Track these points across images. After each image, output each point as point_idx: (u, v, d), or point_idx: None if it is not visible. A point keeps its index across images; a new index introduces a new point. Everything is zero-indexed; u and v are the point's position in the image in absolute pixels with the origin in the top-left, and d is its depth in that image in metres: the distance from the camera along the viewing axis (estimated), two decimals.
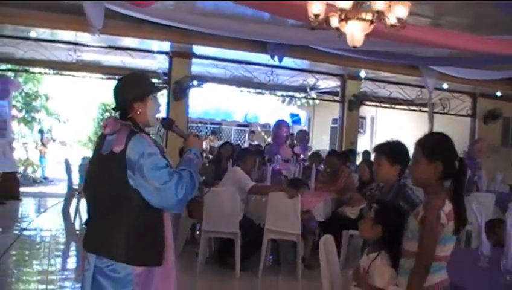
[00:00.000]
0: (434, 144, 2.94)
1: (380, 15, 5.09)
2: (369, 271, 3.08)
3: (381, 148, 3.81)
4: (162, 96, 11.92)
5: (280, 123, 10.35)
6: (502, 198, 8.72)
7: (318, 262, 7.06)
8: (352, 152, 12.23)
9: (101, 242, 2.86)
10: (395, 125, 16.82)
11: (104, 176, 2.94)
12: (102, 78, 14.14)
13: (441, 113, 16.48)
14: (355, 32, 5.31)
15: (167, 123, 3.32)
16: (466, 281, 3.21)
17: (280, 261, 7.64)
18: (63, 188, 11.51)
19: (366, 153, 12.18)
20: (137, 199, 2.81)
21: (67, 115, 20.17)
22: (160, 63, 12.51)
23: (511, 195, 8.90)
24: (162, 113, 2.93)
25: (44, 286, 5.95)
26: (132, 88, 3.00)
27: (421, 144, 2.95)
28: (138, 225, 2.84)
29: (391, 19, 5.14)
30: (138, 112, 2.96)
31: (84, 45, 11.13)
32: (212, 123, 21.03)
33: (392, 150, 3.76)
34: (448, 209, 2.75)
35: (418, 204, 3.23)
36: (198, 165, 3.04)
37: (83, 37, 10.24)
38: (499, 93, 15.11)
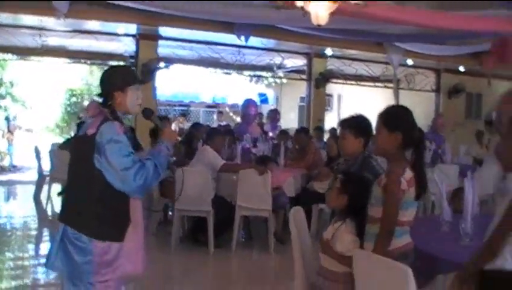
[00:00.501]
0: (394, 116, 3.11)
1: None
2: (333, 237, 3.25)
3: (345, 123, 3.94)
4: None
5: (248, 102, 10.42)
6: (465, 169, 8.97)
7: (289, 236, 7.26)
8: (320, 129, 12.43)
9: (69, 214, 3.13)
10: (361, 102, 17.05)
11: (76, 155, 3.22)
12: (68, 63, 14.04)
13: (406, 89, 16.75)
14: (319, 11, 5.44)
15: (146, 113, 3.47)
16: (429, 245, 3.39)
17: (252, 237, 7.81)
18: (32, 175, 11.47)
19: (333, 130, 12.37)
20: (102, 179, 3.02)
21: (33, 101, 19.92)
22: (126, 46, 12.46)
23: (474, 166, 9.15)
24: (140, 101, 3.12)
25: (17, 273, 5.97)
26: (114, 78, 3.21)
27: (381, 116, 3.12)
28: (102, 202, 3.05)
29: None
30: (118, 101, 3.16)
31: (49, 30, 11.02)
32: (180, 105, 21.00)
33: (356, 124, 3.89)
34: (409, 176, 2.92)
35: (382, 174, 3.39)
36: (168, 157, 3.25)
37: (48, 21, 10.16)
38: (462, 69, 15.42)
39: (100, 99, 3.24)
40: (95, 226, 3.04)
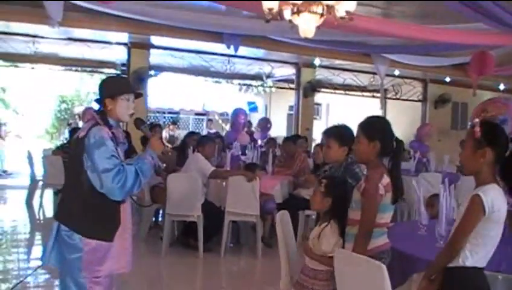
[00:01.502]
0: (373, 126, 3.34)
1: (329, 8, 5.44)
2: (319, 238, 3.47)
3: (330, 132, 4.17)
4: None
5: (238, 111, 10.69)
6: (449, 178, 9.21)
7: (277, 241, 7.46)
8: (305, 138, 12.61)
9: (62, 213, 3.35)
10: (349, 110, 17.31)
11: (70, 157, 3.48)
12: (60, 70, 14.19)
13: (393, 98, 17.06)
14: (307, 24, 5.64)
15: (137, 123, 3.70)
16: (406, 246, 3.62)
17: (241, 242, 8.01)
18: (23, 181, 11.60)
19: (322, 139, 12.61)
20: (89, 180, 3.23)
21: (25, 108, 20.04)
22: (118, 54, 12.65)
23: (458, 174, 9.38)
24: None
25: (10, 276, 6.06)
26: (107, 87, 3.44)
27: (361, 126, 3.35)
28: (91, 202, 3.25)
29: (340, 12, 5.51)
30: (109, 108, 3.38)
31: (42, 37, 11.20)
32: (170, 112, 21.18)
33: (340, 133, 4.12)
34: (386, 181, 3.15)
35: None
36: (151, 165, 3.39)
37: (41, 29, 10.31)
38: (448, 79, 15.71)
39: (96, 106, 3.48)
40: (86, 225, 3.23)
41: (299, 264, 3.89)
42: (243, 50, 11.64)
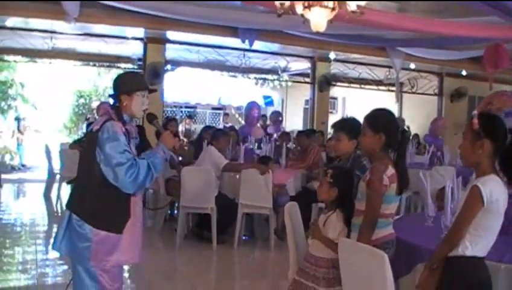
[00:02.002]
0: (378, 119, 3.39)
1: (340, 2, 5.50)
2: (325, 225, 3.55)
3: (339, 125, 4.24)
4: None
5: (251, 105, 10.76)
6: (462, 171, 9.21)
7: None
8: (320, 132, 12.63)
9: (74, 203, 3.43)
10: (365, 104, 17.27)
11: (84, 149, 3.54)
12: (77, 65, 14.36)
13: (409, 92, 17.01)
14: (318, 18, 5.70)
15: (149, 118, 3.81)
16: (412, 238, 3.67)
17: (255, 234, 8.10)
18: (41, 174, 11.80)
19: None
20: (102, 172, 3.30)
21: (43, 103, 20.25)
22: (134, 49, 12.78)
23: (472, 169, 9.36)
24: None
25: (29, 267, 6.20)
26: (123, 82, 3.52)
27: (367, 118, 3.41)
28: (103, 194, 3.33)
29: (351, 6, 5.56)
30: (124, 104, 3.46)
31: (59, 33, 11.36)
32: (186, 107, 21.27)
33: (350, 126, 4.19)
34: (390, 173, 3.20)
35: None
36: (163, 159, 3.48)
37: (59, 25, 10.48)
38: (464, 73, 15.62)
39: (111, 101, 3.56)
40: (96, 216, 3.31)
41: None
42: (258, 44, 11.71)
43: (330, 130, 14.78)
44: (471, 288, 2.74)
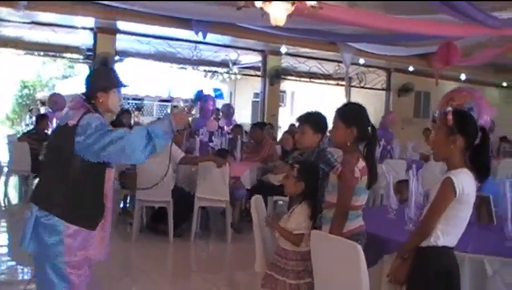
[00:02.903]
0: (350, 112, 3.44)
1: None
2: (290, 218, 3.61)
3: (305, 118, 4.27)
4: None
5: (206, 97, 10.73)
6: (412, 165, 9.45)
7: (246, 226, 7.62)
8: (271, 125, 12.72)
9: (44, 197, 3.30)
10: (313, 98, 17.50)
11: (56, 142, 3.41)
12: (23, 54, 13.97)
13: (357, 87, 17.33)
14: (278, 12, 5.72)
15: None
16: (378, 229, 3.76)
17: (210, 227, 8.10)
18: None
19: (292, 126, 12.75)
20: (79, 165, 3.23)
21: None
22: (84, 39, 12.52)
23: (421, 162, 9.63)
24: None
25: None
26: (99, 80, 3.48)
27: (339, 112, 3.45)
28: (76, 188, 3.25)
29: (310, 1, 5.61)
30: (100, 101, 3.41)
31: (6, 20, 11.01)
32: (133, 99, 21.01)
33: (315, 120, 4.23)
34: (361, 165, 3.26)
35: (336, 165, 3.74)
36: (168, 131, 3.22)
37: (4, 12, 10.16)
38: (411, 68, 16.05)
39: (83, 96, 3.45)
40: (70, 211, 3.22)
41: (272, 247, 4.01)
42: (210, 37, 11.66)
43: (280, 124, 14.98)
44: (442, 277, 2.83)
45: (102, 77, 3.51)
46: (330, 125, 4.60)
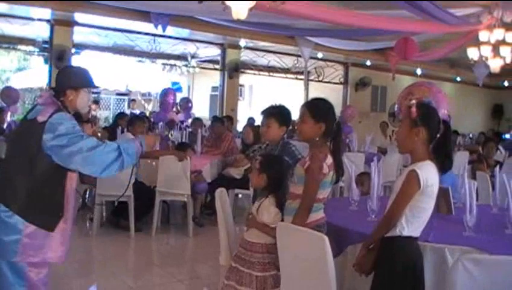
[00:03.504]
0: (319, 108, 3.47)
1: None
2: (258, 211, 3.63)
3: (270, 112, 4.29)
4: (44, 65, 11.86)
5: (167, 91, 10.68)
6: (371, 158, 9.60)
7: (207, 220, 7.62)
8: (230, 118, 12.76)
9: (5, 192, 3.22)
10: (272, 92, 17.58)
11: (22, 137, 3.30)
12: None
13: (315, 81, 17.48)
14: (240, 6, 5.74)
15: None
16: (340, 221, 3.83)
17: (170, 222, 8.08)
18: None
19: (251, 119, 12.81)
20: (44, 165, 3.17)
21: None
22: (40, 31, 12.26)
23: (379, 155, 9.80)
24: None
25: None
26: (72, 77, 3.44)
27: (309, 107, 3.47)
28: (39, 188, 3.19)
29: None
30: (70, 99, 3.38)
31: None
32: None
33: (280, 113, 4.26)
34: (330, 161, 3.30)
35: (300, 158, 3.78)
36: (138, 150, 3.34)
37: None
38: (368, 63, 16.30)
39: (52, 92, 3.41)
40: (30, 209, 3.15)
41: (236, 240, 4.04)
42: (169, 30, 11.56)
43: (239, 118, 15.00)
44: (406, 266, 2.91)
45: (75, 75, 3.47)
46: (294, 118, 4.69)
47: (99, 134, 8.78)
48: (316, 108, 3.45)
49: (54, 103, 3.30)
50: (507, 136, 18.29)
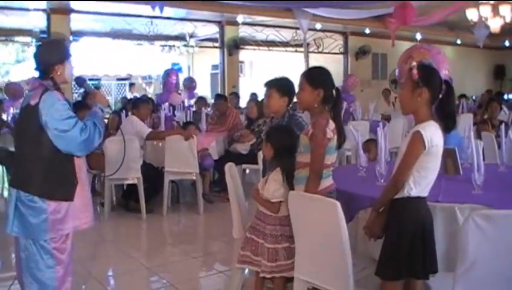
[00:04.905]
0: (316, 75, 3.54)
1: None
2: (266, 184, 3.68)
3: (272, 83, 4.32)
4: None
5: (169, 71, 10.69)
6: (375, 125, 9.63)
7: (216, 197, 7.67)
8: (236, 94, 12.76)
9: (21, 179, 3.41)
10: (272, 67, 17.52)
11: (23, 124, 3.50)
12: None
13: (315, 52, 17.41)
14: None
15: (79, 82, 3.99)
16: (350, 187, 3.87)
17: (180, 201, 8.15)
18: None
19: (253, 94, 12.80)
20: (49, 142, 3.31)
21: None
22: (37, 22, 12.23)
23: (383, 122, 9.81)
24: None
25: None
26: (54, 53, 3.49)
27: (305, 74, 3.55)
28: (50, 163, 3.34)
29: None
30: (58, 73, 3.45)
31: None
32: (90, 79, 20.66)
33: (281, 84, 4.29)
34: (332, 126, 3.35)
35: (307, 127, 3.80)
36: (102, 117, 3.61)
37: None
38: (367, 31, 16.21)
39: (37, 74, 3.48)
40: (47, 187, 3.32)
41: (249, 213, 4.09)
42: (166, 11, 11.50)
43: (241, 94, 14.97)
44: (417, 226, 2.94)
45: (56, 50, 3.53)
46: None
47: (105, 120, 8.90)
48: (313, 75, 3.54)
49: (40, 84, 3.38)
50: (511, 96, 18.24)
